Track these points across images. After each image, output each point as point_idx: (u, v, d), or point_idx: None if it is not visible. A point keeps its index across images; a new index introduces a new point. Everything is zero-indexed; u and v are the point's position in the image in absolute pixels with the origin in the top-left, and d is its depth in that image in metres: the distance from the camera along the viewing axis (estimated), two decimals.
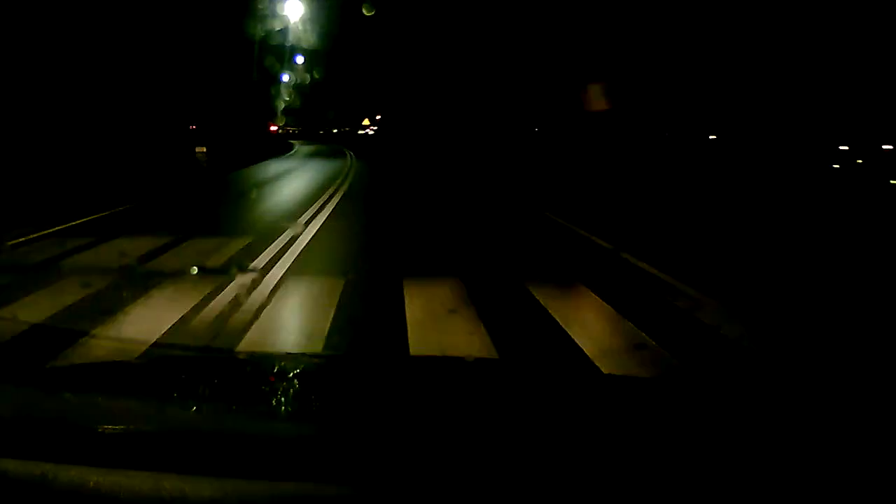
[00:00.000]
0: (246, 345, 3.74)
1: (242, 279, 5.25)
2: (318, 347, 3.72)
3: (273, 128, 53.22)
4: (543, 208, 10.66)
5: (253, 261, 6.06)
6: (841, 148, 21.11)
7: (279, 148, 35.01)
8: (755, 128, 24.68)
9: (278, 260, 6.13)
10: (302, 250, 6.71)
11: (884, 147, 19.29)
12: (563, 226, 8.93)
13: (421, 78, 64.00)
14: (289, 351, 3.73)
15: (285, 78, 35.28)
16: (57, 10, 17.63)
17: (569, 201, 11.85)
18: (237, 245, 6.93)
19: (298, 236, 7.44)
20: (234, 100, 32.65)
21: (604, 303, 4.80)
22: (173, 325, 4.08)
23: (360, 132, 76.18)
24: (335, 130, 76.18)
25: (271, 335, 4.10)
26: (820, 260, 6.98)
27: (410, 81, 66.28)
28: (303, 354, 3.39)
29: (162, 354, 3.41)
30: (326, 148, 38.02)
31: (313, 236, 7.68)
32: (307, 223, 8.56)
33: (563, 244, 7.69)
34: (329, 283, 5.21)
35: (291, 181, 17.59)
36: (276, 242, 6.93)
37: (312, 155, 30.81)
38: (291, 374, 1.67)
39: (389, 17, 56.53)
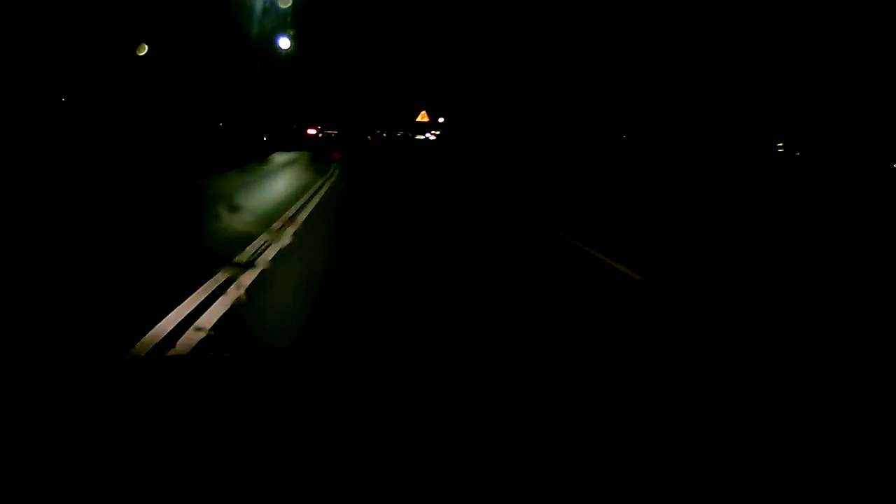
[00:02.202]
0: None
1: None
2: None
3: (311, 131, 46.47)
4: None
5: None
6: None
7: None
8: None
9: None
10: None
11: None
12: None
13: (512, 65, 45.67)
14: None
15: (284, 44, 27.52)
16: None
17: None
18: None
19: None
20: (233, 99, 26.49)
21: None
22: None
23: (419, 136, 55.35)
24: (384, 134, 57.26)
25: None
26: None
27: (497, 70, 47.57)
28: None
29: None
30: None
31: None
32: None
33: None
34: None
35: None
36: None
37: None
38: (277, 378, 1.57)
39: None
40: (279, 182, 15.99)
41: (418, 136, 56.42)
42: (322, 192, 12.38)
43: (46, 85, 23.94)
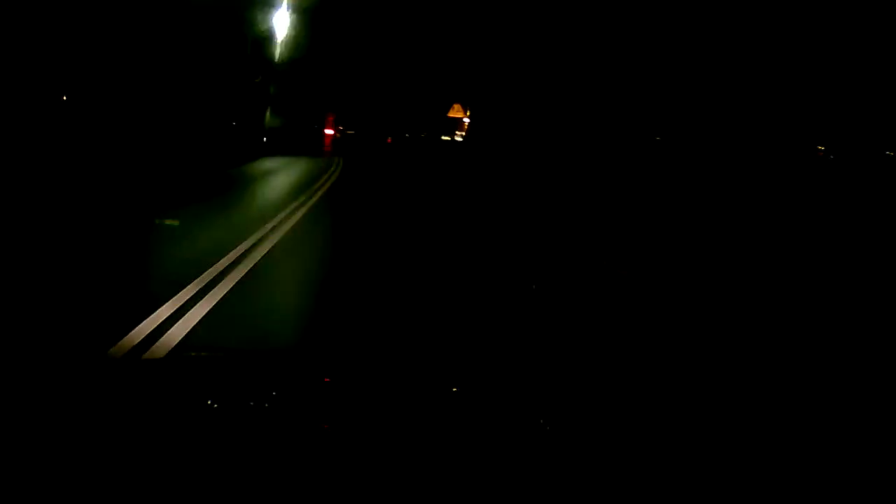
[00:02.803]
0: None
1: None
2: None
3: (329, 131, 44.75)
4: None
5: None
6: None
7: None
8: None
9: None
10: None
11: None
12: None
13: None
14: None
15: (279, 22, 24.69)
16: None
17: None
18: None
19: None
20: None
21: None
22: None
23: (445, 137, 48.87)
24: (407, 134, 49.67)
25: None
26: None
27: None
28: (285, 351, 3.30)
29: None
30: None
31: None
32: None
33: None
34: None
35: None
36: None
37: None
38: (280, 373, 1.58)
39: None
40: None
41: (444, 137, 52.61)
42: (270, 241, 7.16)
43: (48, 82, 23.32)
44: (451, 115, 45.51)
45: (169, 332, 4.16)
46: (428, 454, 1.05)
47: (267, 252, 6.84)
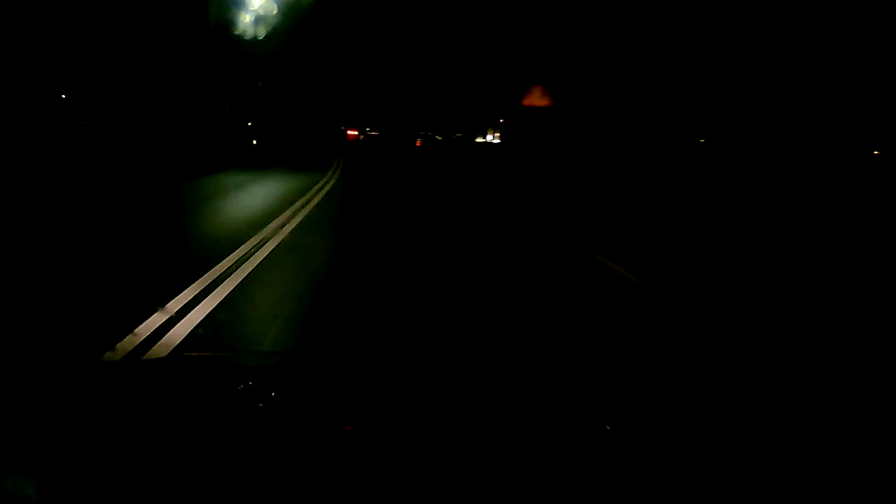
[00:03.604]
0: None
1: None
2: None
3: (352, 132, 43.21)
4: None
5: None
6: None
7: None
8: None
9: None
10: None
11: None
12: None
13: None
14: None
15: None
16: None
17: None
18: None
19: None
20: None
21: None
22: None
23: (479, 139, 45.84)
24: (438, 136, 46.05)
25: None
26: None
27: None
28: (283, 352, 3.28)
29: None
30: None
31: None
32: None
33: None
34: None
35: None
36: None
37: None
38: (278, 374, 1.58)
39: None
40: None
41: (478, 139, 49.79)
42: None
43: (47, 81, 22.51)
44: (526, 103, 31.73)
45: None
46: (459, 460, 1.03)
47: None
